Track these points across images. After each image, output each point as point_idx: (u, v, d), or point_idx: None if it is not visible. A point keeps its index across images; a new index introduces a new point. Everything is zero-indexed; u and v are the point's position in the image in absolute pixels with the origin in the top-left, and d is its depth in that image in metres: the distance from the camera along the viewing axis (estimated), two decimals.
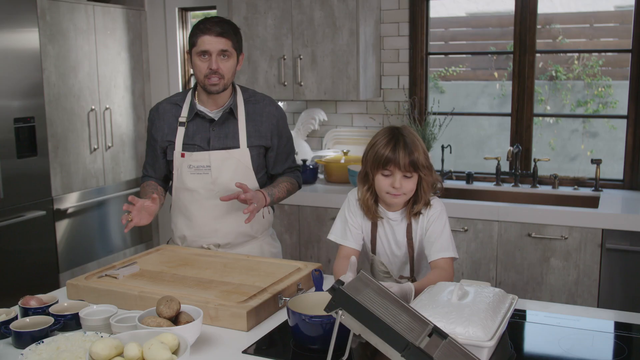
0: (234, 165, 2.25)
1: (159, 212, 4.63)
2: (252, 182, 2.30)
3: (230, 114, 2.28)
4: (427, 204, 1.97)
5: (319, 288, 1.86)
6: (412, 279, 2.06)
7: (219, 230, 2.28)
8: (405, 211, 2.00)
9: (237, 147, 2.26)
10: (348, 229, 2.06)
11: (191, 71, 4.60)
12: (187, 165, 2.26)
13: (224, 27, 2.18)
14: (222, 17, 2.25)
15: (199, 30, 2.18)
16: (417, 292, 1.76)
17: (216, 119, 2.27)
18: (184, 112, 2.30)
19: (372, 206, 2.00)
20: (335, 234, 2.09)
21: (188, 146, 2.27)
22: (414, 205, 1.96)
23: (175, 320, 1.54)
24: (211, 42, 2.15)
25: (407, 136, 1.91)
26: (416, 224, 1.99)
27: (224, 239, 2.30)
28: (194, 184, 2.26)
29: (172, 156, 2.30)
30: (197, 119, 2.28)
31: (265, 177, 2.39)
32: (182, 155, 2.27)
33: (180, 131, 2.28)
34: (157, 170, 2.40)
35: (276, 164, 2.38)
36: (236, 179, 2.23)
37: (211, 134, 2.26)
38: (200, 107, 2.29)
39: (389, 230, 2.03)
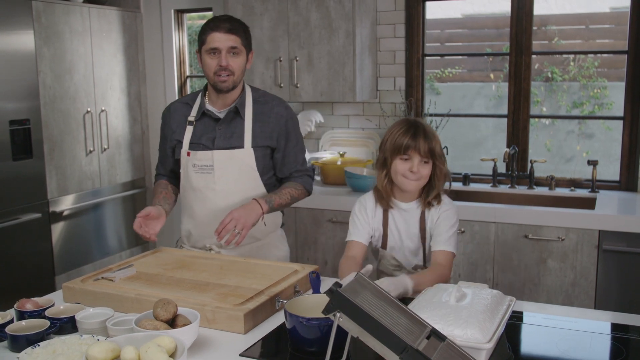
0: (238, 165, 2.24)
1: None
2: (256, 183, 2.28)
3: (236, 113, 2.27)
4: (439, 196, 2.08)
5: (316, 290, 1.85)
6: (425, 267, 2.12)
7: None
8: (419, 201, 2.10)
9: (242, 147, 2.25)
10: (355, 225, 2.13)
11: (187, 73, 4.59)
12: (192, 164, 2.26)
13: (233, 24, 2.19)
14: (231, 16, 2.25)
15: (208, 27, 2.19)
16: (415, 286, 1.85)
17: (222, 117, 2.27)
18: (194, 111, 2.31)
19: (389, 192, 2.09)
20: (349, 234, 2.15)
21: (194, 145, 2.27)
22: (429, 193, 2.06)
23: (172, 323, 1.53)
24: (220, 39, 2.16)
25: (425, 125, 2.05)
26: (429, 214, 2.08)
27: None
28: (198, 183, 2.27)
29: (179, 155, 2.30)
30: (204, 118, 2.29)
31: (274, 179, 2.37)
32: (188, 154, 2.27)
33: (188, 130, 2.29)
34: (166, 167, 2.42)
35: (283, 166, 2.35)
36: (240, 179, 2.24)
37: (217, 133, 2.26)
38: (208, 107, 2.29)
39: (401, 221, 2.10)
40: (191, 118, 2.30)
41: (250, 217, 2.11)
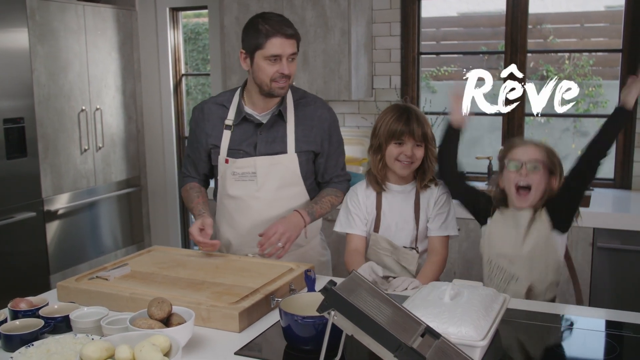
0: (281, 171, 2.15)
1: (150, 212, 4.62)
2: (299, 189, 2.20)
3: (279, 116, 2.16)
4: (435, 178, 2.16)
5: (311, 289, 1.85)
6: (416, 249, 2.16)
7: None
8: (414, 184, 2.15)
9: (285, 152, 2.15)
10: (351, 217, 2.15)
11: (183, 71, 4.58)
12: (231, 173, 2.16)
13: (293, 28, 2.05)
14: (282, 15, 2.10)
15: (267, 31, 2.01)
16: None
17: (264, 122, 2.16)
18: (231, 114, 2.18)
19: (384, 176, 2.13)
20: (340, 224, 2.19)
21: (233, 152, 2.16)
22: (424, 175, 2.12)
23: (167, 321, 1.53)
24: (283, 46, 2.01)
25: (416, 110, 2.11)
26: (424, 197, 2.14)
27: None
28: (238, 192, 2.16)
29: (216, 161, 2.20)
30: (244, 123, 2.16)
31: (314, 184, 2.28)
32: (226, 162, 2.16)
33: (226, 135, 2.16)
34: (199, 170, 2.30)
35: (326, 170, 2.26)
36: (283, 186, 2.15)
37: (258, 138, 2.15)
38: (247, 110, 2.17)
39: (395, 203, 2.13)
40: (229, 122, 2.16)
41: (295, 231, 2.07)
